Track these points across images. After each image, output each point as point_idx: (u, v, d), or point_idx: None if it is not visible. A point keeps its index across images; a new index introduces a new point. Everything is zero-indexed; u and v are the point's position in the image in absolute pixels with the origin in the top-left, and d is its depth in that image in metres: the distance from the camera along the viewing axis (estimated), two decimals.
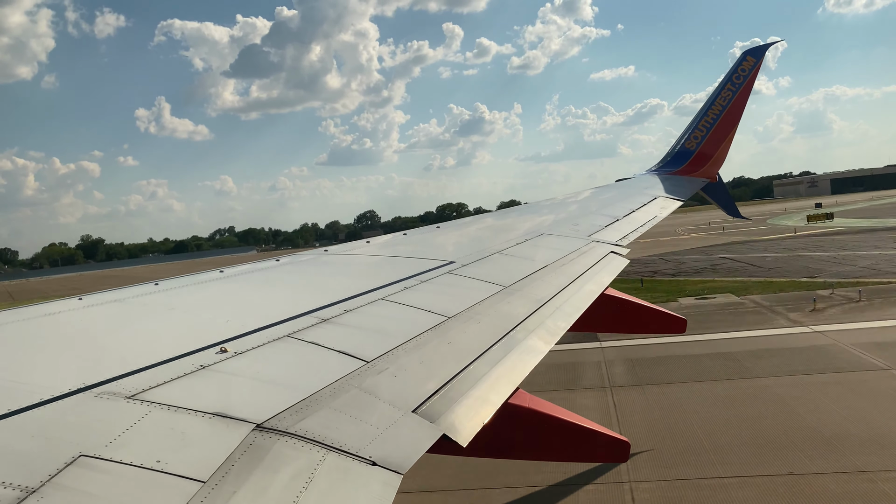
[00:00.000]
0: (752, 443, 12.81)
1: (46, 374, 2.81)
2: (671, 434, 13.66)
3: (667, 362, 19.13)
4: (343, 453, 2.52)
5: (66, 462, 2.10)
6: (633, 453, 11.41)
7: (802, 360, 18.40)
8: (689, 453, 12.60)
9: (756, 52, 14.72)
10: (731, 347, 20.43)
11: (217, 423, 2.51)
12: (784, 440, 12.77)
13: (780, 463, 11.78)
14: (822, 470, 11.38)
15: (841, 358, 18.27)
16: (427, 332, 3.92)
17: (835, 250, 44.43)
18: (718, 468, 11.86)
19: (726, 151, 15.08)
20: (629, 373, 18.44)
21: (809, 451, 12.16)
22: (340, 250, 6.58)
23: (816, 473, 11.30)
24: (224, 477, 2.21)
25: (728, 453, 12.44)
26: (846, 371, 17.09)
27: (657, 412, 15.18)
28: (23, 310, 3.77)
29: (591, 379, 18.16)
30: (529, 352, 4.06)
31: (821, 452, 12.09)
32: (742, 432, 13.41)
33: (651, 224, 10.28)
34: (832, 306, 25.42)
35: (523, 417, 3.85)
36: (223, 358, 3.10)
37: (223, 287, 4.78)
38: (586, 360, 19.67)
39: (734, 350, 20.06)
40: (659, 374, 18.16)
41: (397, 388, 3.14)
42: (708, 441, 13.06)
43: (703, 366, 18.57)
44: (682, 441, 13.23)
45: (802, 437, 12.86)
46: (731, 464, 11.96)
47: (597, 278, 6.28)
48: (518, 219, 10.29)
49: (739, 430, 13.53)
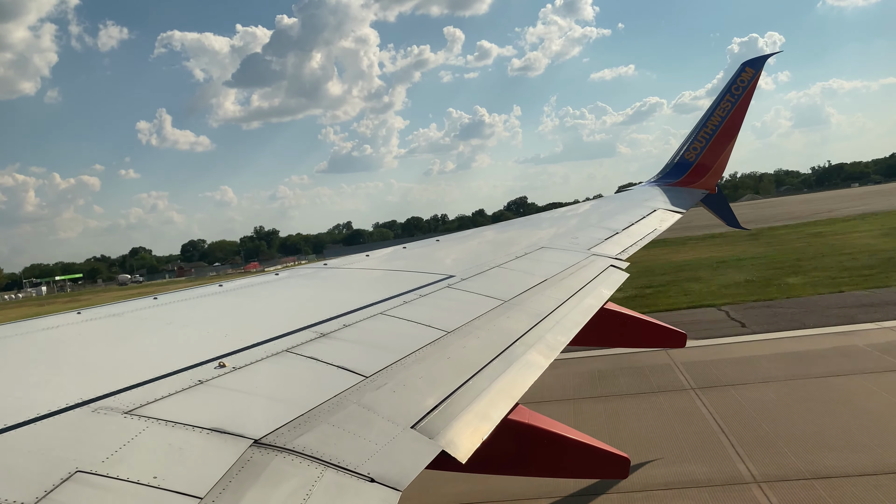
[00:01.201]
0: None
1: (43, 388, 2.81)
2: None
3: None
4: (341, 469, 2.51)
5: (62, 478, 2.09)
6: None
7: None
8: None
9: (755, 63, 14.78)
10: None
11: (215, 438, 2.50)
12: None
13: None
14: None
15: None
16: (426, 347, 3.91)
17: None
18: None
19: (726, 162, 15.13)
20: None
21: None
22: (340, 264, 6.59)
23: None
24: (222, 493, 2.19)
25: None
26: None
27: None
28: (20, 324, 3.76)
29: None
30: (529, 367, 4.06)
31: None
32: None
33: (651, 237, 10.30)
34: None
35: (523, 433, 3.84)
36: (221, 373, 3.10)
37: (222, 301, 4.78)
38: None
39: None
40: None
41: (396, 404, 3.13)
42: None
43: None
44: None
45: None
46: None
47: (596, 292, 6.28)
48: (518, 232, 10.31)
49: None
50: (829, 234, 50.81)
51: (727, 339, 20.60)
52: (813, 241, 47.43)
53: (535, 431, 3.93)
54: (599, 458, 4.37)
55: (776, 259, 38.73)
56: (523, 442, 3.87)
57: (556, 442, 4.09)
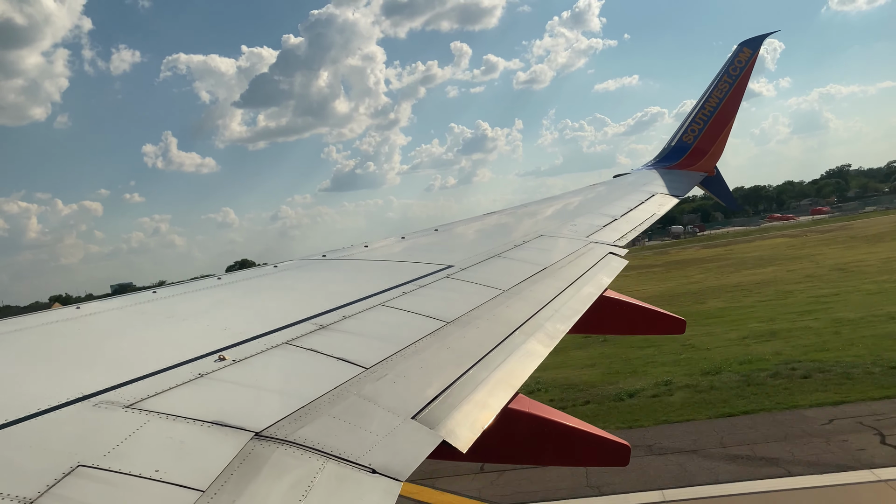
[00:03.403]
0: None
1: (44, 383, 2.81)
2: None
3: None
4: (342, 461, 2.52)
5: (64, 472, 2.10)
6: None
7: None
8: None
9: (752, 43, 14.55)
10: None
11: (216, 431, 2.50)
12: None
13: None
14: None
15: None
16: (426, 338, 3.92)
17: None
18: None
19: (724, 144, 14.89)
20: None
21: None
22: (339, 255, 6.58)
23: None
24: (223, 486, 2.20)
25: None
26: None
27: None
28: (20, 319, 3.76)
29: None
30: (529, 356, 4.06)
31: None
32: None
33: (649, 222, 10.27)
34: None
35: (523, 422, 3.84)
36: (222, 366, 3.10)
37: (221, 294, 4.78)
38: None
39: None
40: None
41: (396, 395, 3.14)
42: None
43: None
44: None
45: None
46: None
47: (595, 280, 6.28)
48: (516, 220, 10.29)
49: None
50: None
51: None
52: None
53: (535, 420, 3.94)
54: (600, 446, 4.38)
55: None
56: (524, 431, 3.88)
57: (557, 430, 4.09)
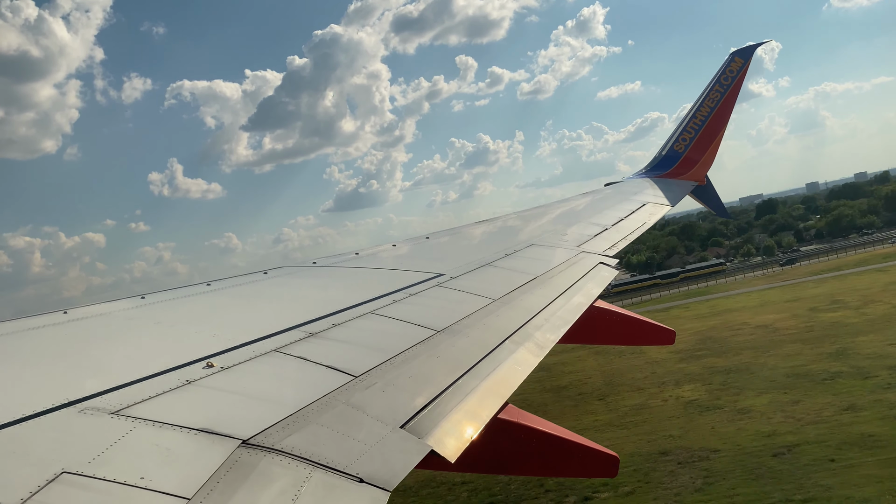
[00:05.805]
0: None
1: (29, 389, 2.79)
2: None
3: None
4: (330, 470, 2.51)
5: (48, 479, 2.08)
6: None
7: None
8: None
9: (744, 52, 14.51)
10: None
11: (203, 439, 2.49)
12: None
13: None
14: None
15: None
16: (416, 347, 3.91)
17: None
18: None
19: (715, 153, 14.71)
20: None
21: None
22: (329, 263, 6.56)
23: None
24: (209, 494, 2.19)
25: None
26: None
27: None
28: (5, 324, 3.73)
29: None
30: (518, 365, 4.06)
31: None
32: None
33: (640, 231, 10.32)
34: None
35: (512, 432, 3.83)
36: (209, 373, 3.08)
37: (210, 300, 4.75)
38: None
39: None
40: None
41: (385, 404, 3.12)
42: None
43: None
44: None
45: None
46: None
47: (585, 290, 6.28)
48: (507, 229, 10.31)
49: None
50: None
51: None
52: None
53: (524, 430, 3.93)
54: (589, 457, 4.37)
55: None
56: (512, 441, 3.87)
57: (546, 441, 4.08)
